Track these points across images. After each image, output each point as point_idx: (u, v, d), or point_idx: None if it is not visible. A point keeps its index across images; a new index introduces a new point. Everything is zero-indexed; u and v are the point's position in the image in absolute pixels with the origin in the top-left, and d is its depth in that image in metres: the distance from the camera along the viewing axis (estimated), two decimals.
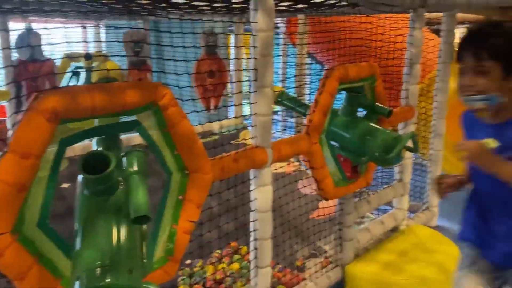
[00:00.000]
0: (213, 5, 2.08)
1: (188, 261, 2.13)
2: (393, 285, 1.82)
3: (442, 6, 2.14)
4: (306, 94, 2.97)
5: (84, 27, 3.26)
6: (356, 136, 1.79)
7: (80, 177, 0.96)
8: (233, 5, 2.09)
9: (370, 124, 1.83)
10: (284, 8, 2.20)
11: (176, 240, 1.16)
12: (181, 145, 1.15)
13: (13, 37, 2.51)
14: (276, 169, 2.86)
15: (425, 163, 2.72)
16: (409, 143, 1.80)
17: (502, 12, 3.23)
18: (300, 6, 2.09)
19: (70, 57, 2.66)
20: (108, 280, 0.80)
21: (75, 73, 2.31)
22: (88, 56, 2.50)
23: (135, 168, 0.96)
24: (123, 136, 1.21)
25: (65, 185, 2.18)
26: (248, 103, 1.51)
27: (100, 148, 1.06)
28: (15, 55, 2.51)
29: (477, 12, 2.94)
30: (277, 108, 3.39)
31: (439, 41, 2.50)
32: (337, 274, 1.92)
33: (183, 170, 1.19)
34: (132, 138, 2.24)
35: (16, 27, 2.60)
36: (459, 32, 5.90)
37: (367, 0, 1.89)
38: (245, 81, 1.52)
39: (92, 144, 1.11)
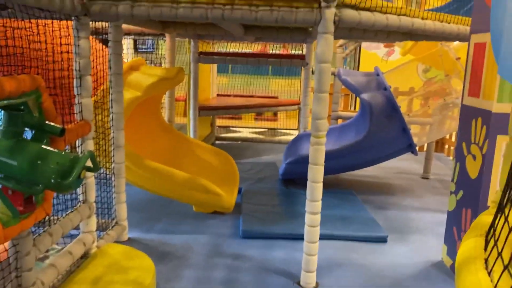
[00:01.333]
0: None
1: None
2: None
3: (107, 16, 2.08)
4: None
5: None
6: (24, 163, 1.50)
7: None
8: None
9: (41, 146, 1.58)
10: None
11: None
12: None
13: None
14: None
15: (109, 177, 2.64)
16: (89, 163, 1.66)
17: (163, 26, 3.49)
18: None
19: None
20: None
21: None
22: None
23: None
24: None
25: None
26: None
27: None
28: None
29: (141, 25, 3.06)
30: None
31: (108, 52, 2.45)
32: None
33: None
34: None
35: None
36: (127, 43, 6.12)
37: (17, 2, 1.61)
38: None
39: None
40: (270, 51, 6.49)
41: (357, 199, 3.42)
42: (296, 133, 6.20)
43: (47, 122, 1.66)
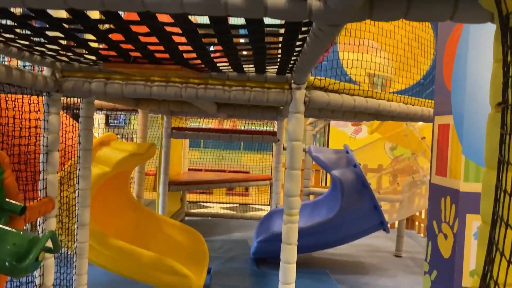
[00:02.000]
0: None
1: None
2: None
3: (79, 92, 2.08)
4: None
5: None
6: None
7: None
8: None
9: None
10: None
11: None
12: None
13: None
14: None
15: (70, 256, 2.48)
16: (49, 243, 1.56)
17: (136, 102, 3.52)
18: None
19: None
20: None
21: None
22: None
23: None
24: None
25: None
26: None
27: None
28: None
29: (114, 101, 3.08)
30: None
31: (78, 127, 2.42)
32: None
33: None
34: None
35: None
36: (98, 118, 6.13)
37: None
38: None
39: None
40: (241, 127, 6.62)
41: (331, 279, 3.32)
42: (267, 208, 6.14)
43: (7, 199, 1.57)
